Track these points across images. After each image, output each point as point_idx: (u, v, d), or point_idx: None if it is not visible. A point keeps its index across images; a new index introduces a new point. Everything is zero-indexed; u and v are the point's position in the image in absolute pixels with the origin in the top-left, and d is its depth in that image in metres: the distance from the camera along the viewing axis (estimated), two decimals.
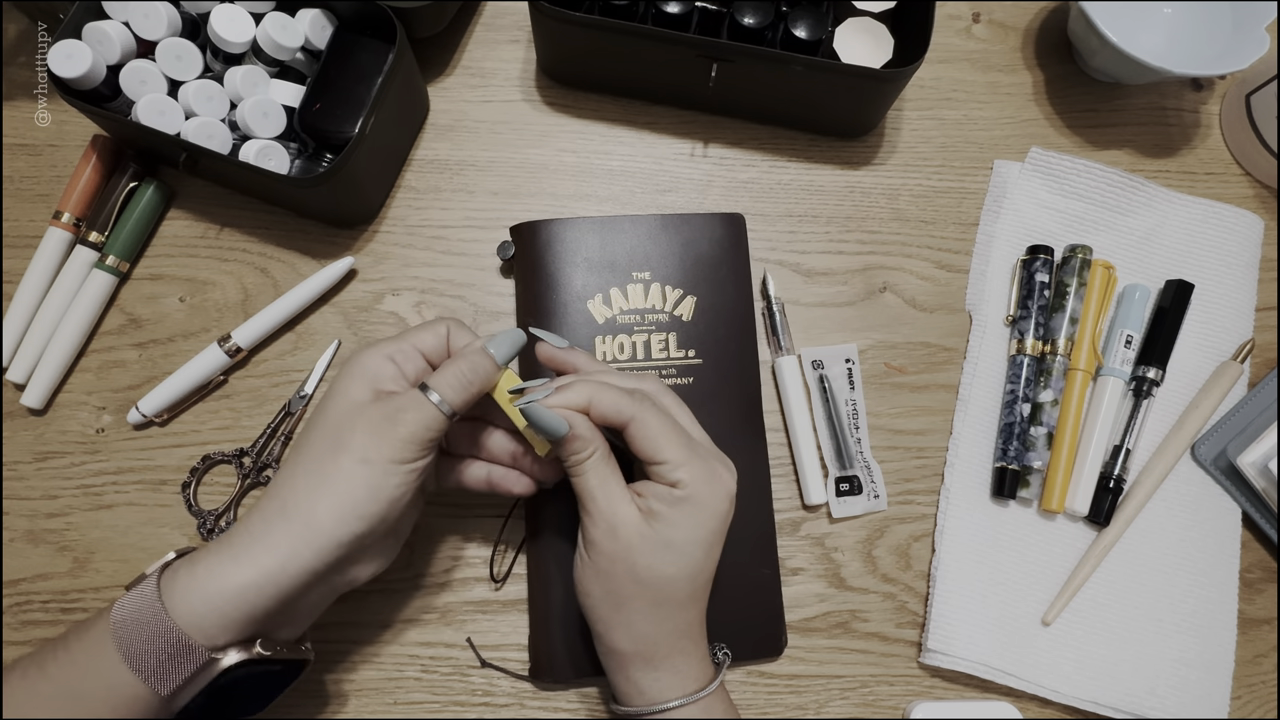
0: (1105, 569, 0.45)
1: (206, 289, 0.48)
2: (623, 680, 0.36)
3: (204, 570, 0.31)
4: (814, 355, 0.47)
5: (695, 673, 0.36)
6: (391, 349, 0.35)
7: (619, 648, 0.35)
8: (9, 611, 0.43)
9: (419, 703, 0.42)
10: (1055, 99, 0.55)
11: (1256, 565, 0.47)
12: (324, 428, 0.33)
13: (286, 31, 0.45)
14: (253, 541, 0.32)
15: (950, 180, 0.52)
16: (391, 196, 0.50)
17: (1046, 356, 0.47)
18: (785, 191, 0.51)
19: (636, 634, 0.35)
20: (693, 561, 0.34)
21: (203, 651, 0.31)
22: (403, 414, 0.33)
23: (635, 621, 0.35)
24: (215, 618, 0.31)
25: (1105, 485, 0.46)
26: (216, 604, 0.31)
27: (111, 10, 0.45)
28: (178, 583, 0.31)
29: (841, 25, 0.49)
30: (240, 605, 0.31)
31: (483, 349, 0.35)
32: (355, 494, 0.32)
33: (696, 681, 0.35)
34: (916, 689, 0.44)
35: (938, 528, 0.46)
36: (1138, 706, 0.43)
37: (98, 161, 0.47)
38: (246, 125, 0.44)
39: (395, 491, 0.33)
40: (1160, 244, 0.51)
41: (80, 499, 0.44)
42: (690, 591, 0.35)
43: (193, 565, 0.32)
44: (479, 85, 0.53)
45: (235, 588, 0.31)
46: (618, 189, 0.51)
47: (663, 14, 0.47)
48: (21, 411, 0.45)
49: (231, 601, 0.31)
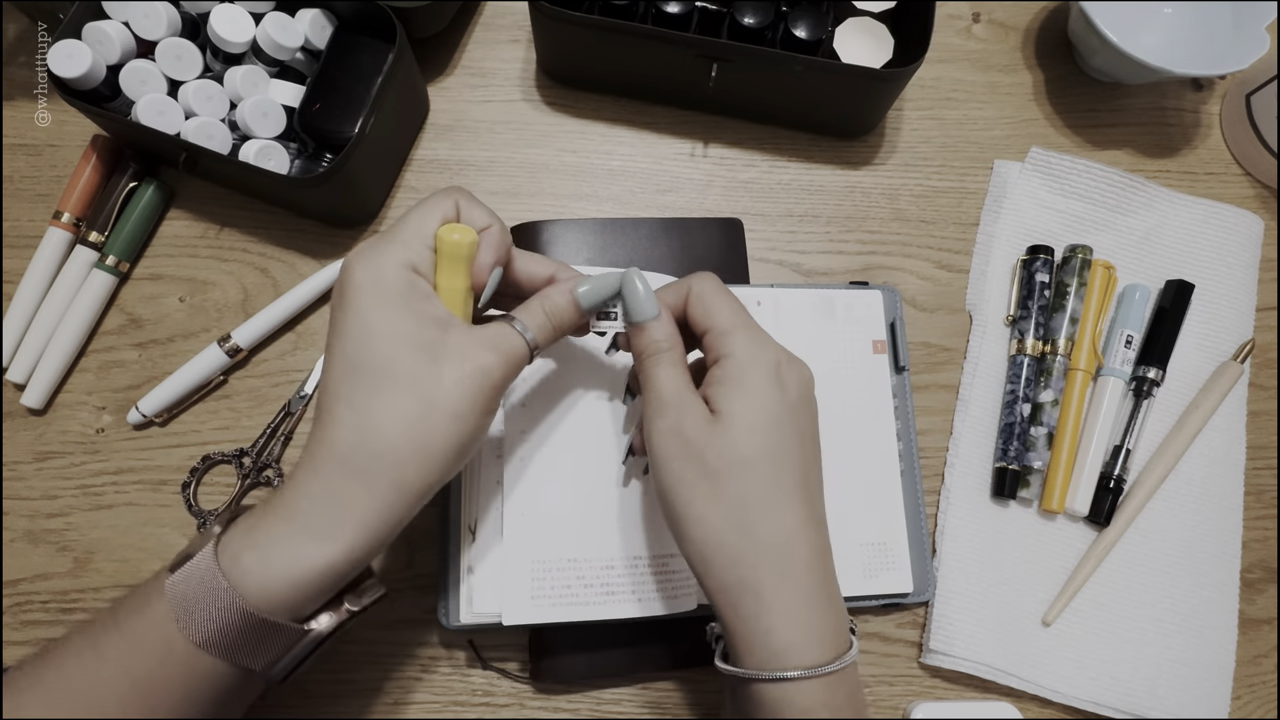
0: (1105, 569, 0.45)
1: (206, 289, 0.48)
2: (733, 631, 0.31)
3: (278, 553, 0.28)
4: None
5: (818, 633, 0.30)
6: (407, 254, 0.30)
7: (716, 580, 0.31)
8: (9, 611, 0.43)
9: (419, 703, 0.42)
10: (1055, 99, 0.55)
11: (1257, 565, 0.47)
12: (381, 371, 0.29)
13: (286, 31, 0.45)
14: (331, 514, 0.28)
15: (950, 180, 0.52)
16: (391, 196, 0.50)
17: (1047, 356, 0.47)
18: (785, 191, 0.51)
19: (726, 550, 0.30)
20: (758, 441, 0.31)
21: (295, 629, 0.29)
22: (493, 359, 0.30)
23: (720, 530, 0.30)
24: (302, 598, 0.29)
25: (1105, 485, 0.46)
26: (302, 586, 0.28)
27: (111, 10, 0.45)
28: (245, 564, 0.28)
29: (841, 25, 0.49)
30: (329, 581, 0.29)
31: (571, 295, 0.33)
32: (448, 453, 0.29)
33: (820, 646, 0.30)
34: (916, 689, 0.44)
35: (938, 528, 0.46)
36: (1138, 706, 0.43)
37: (98, 161, 0.47)
38: (246, 125, 0.44)
39: (482, 436, 0.31)
40: (1160, 244, 0.51)
41: (80, 499, 0.44)
42: (770, 482, 0.31)
43: (260, 547, 0.28)
44: (479, 85, 0.53)
45: (322, 567, 0.28)
46: (618, 189, 0.51)
47: (663, 14, 0.47)
48: (21, 411, 0.45)
49: (319, 582, 0.28)
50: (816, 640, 0.30)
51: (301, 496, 0.29)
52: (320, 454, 0.29)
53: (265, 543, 0.29)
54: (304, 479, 0.29)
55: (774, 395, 0.32)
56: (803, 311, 0.45)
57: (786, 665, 0.30)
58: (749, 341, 0.33)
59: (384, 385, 0.29)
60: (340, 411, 0.29)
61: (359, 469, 0.29)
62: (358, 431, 0.29)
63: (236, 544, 0.29)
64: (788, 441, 0.32)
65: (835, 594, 0.32)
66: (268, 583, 0.28)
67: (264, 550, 0.28)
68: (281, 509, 0.29)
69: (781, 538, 0.31)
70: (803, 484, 0.32)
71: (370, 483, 0.28)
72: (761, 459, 0.31)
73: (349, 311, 0.29)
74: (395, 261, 0.30)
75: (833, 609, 0.31)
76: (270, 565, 0.28)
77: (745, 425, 0.31)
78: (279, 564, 0.28)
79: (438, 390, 0.29)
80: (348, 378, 0.29)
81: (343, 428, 0.29)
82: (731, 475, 0.31)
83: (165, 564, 0.30)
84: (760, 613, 0.30)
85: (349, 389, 0.29)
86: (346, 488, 0.29)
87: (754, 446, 0.31)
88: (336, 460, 0.29)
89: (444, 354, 0.29)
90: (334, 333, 0.30)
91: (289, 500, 0.29)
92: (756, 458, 0.31)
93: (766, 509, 0.31)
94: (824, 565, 0.32)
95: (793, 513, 0.31)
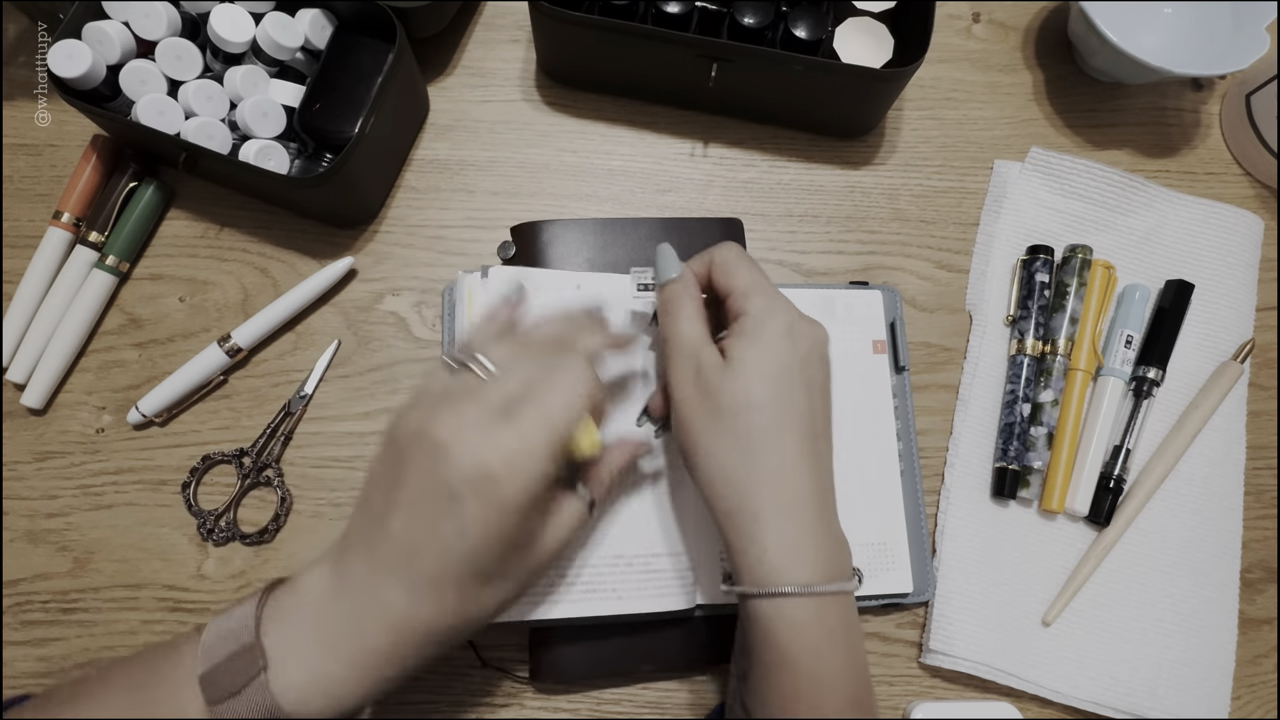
0: (1105, 569, 0.45)
1: (206, 289, 0.48)
2: (734, 551, 0.33)
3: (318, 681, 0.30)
4: None
5: (810, 556, 0.32)
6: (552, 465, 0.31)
7: (722, 505, 0.33)
8: (9, 611, 0.43)
9: (419, 703, 0.42)
10: (1055, 99, 0.55)
11: (1257, 565, 0.47)
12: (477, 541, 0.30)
13: (286, 31, 0.45)
14: (364, 646, 0.30)
15: (950, 180, 0.52)
16: (391, 196, 0.50)
17: (1046, 356, 0.47)
18: (785, 191, 0.51)
19: (730, 477, 0.33)
20: (766, 388, 0.33)
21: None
22: (558, 537, 0.34)
23: (726, 461, 0.33)
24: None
25: (1105, 485, 0.46)
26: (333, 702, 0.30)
27: (111, 10, 0.45)
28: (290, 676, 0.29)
29: (841, 25, 0.49)
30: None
31: (634, 456, 0.38)
32: (500, 608, 0.32)
33: (812, 568, 0.32)
34: (916, 689, 0.44)
35: (938, 528, 0.46)
36: (1138, 706, 0.43)
37: (98, 161, 0.47)
38: (246, 125, 0.44)
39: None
40: (1160, 244, 0.51)
41: (80, 499, 0.44)
42: (774, 422, 0.33)
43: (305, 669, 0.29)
44: (479, 85, 0.53)
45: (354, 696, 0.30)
46: (618, 189, 0.51)
47: (663, 14, 0.47)
48: (21, 411, 0.45)
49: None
50: (810, 564, 0.32)
51: (350, 601, 0.31)
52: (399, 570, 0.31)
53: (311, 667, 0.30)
54: (352, 583, 0.31)
55: (784, 347, 0.34)
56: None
57: (779, 582, 0.32)
58: (765, 300, 0.35)
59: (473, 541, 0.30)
60: (418, 531, 0.30)
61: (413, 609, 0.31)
62: (433, 577, 0.30)
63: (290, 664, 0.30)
64: (794, 389, 0.34)
65: (835, 531, 0.34)
66: (309, 702, 0.29)
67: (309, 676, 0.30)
68: (335, 615, 0.31)
69: (781, 469, 0.33)
70: (807, 427, 0.34)
71: (412, 628, 0.31)
72: (768, 402, 0.33)
73: (489, 513, 0.30)
74: (544, 475, 0.30)
75: (830, 541, 0.34)
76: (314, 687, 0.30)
77: (755, 371, 0.34)
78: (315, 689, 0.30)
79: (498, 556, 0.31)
80: (446, 519, 0.30)
81: (420, 555, 0.30)
82: (739, 414, 0.33)
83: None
84: (757, 533, 0.33)
85: (441, 533, 0.30)
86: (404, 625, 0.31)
87: (762, 391, 0.33)
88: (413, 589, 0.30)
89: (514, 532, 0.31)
90: (462, 515, 0.30)
91: (344, 604, 0.31)
92: (763, 400, 0.33)
93: (769, 444, 0.33)
94: (822, 501, 0.34)
95: (793, 449, 0.33)
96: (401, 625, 0.30)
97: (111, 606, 0.43)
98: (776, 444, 0.33)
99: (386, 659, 0.30)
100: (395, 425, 0.32)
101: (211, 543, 0.44)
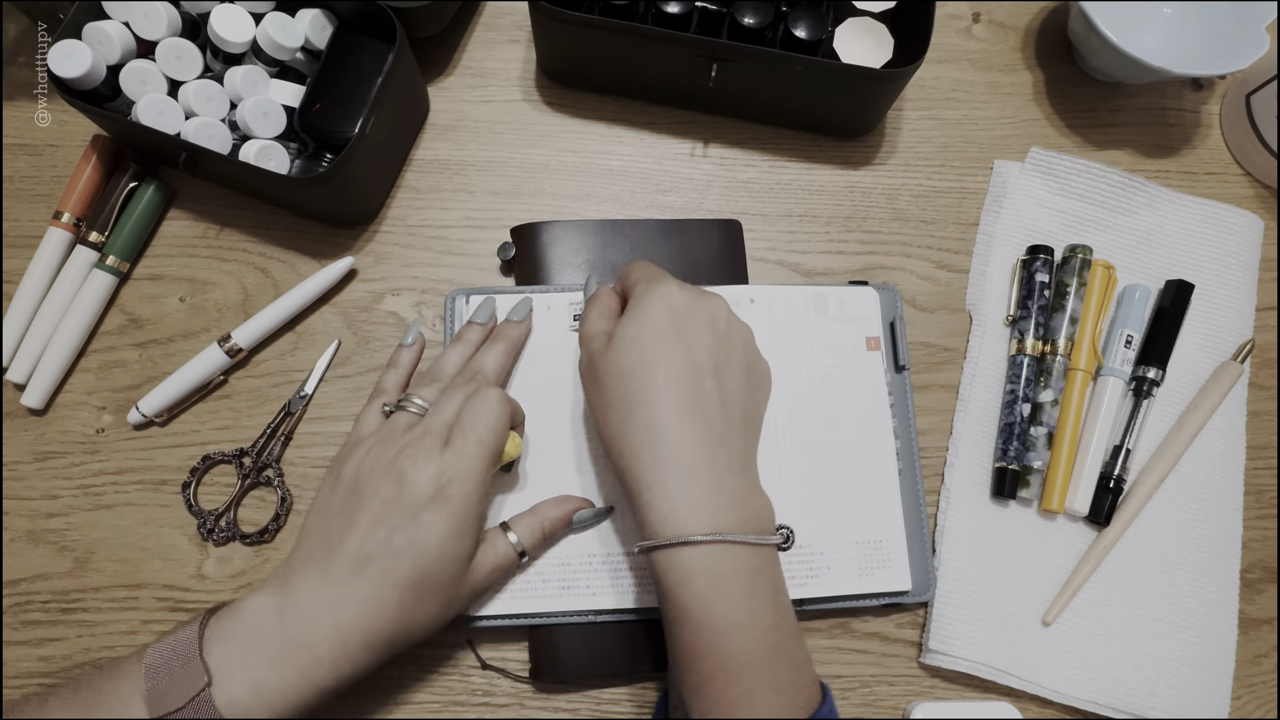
0: (1105, 569, 0.45)
1: (206, 289, 0.48)
2: (633, 511, 0.35)
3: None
4: None
5: (694, 508, 0.33)
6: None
7: (616, 469, 0.36)
8: (9, 611, 0.43)
9: (419, 703, 0.42)
10: (1055, 99, 0.55)
11: (1256, 565, 0.47)
12: (417, 574, 0.34)
13: (286, 31, 0.45)
14: (306, 661, 0.33)
15: (950, 180, 0.52)
16: (391, 196, 0.50)
17: (1046, 356, 0.47)
18: (785, 191, 0.51)
19: (615, 443, 0.35)
20: (635, 353, 0.35)
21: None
22: (484, 569, 0.38)
23: (612, 429, 0.36)
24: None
25: (1105, 485, 0.46)
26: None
27: (111, 10, 0.45)
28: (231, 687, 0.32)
29: (841, 25, 0.49)
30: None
31: (567, 516, 0.41)
32: (425, 629, 0.36)
33: (696, 519, 0.33)
34: (916, 689, 0.44)
35: (938, 528, 0.46)
36: (1138, 706, 0.43)
37: (98, 161, 0.47)
38: (246, 125, 0.44)
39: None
40: (1160, 244, 0.51)
41: (80, 499, 0.44)
42: (645, 382, 0.35)
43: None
44: (479, 85, 0.53)
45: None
46: (618, 189, 0.51)
47: (663, 14, 0.47)
48: (21, 411, 0.45)
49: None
50: (693, 515, 0.33)
51: (288, 631, 0.34)
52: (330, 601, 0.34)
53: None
54: (298, 608, 0.34)
55: (658, 317, 0.36)
56: (796, 309, 0.45)
57: (665, 534, 0.33)
58: (646, 284, 0.38)
59: (406, 572, 0.34)
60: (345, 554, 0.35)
61: (343, 629, 0.34)
62: (360, 599, 0.34)
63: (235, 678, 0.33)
64: (666, 351, 0.35)
65: (731, 483, 0.34)
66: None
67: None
68: (267, 633, 0.34)
69: (653, 424, 0.34)
70: (682, 384, 0.35)
71: (344, 640, 0.34)
72: (637, 365, 0.35)
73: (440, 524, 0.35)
74: (482, 484, 0.37)
75: (722, 493, 0.34)
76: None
77: (627, 340, 0.36)
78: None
79: (437, 589, 0.35)
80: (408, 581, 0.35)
81: (354, 585, 0.34)
82: (615, 383, 0.36)
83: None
84: (641, 489, 0.34)
85: (374, 555, 0.34)
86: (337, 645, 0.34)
87: (630, 356, 0.35)
88: (338, 620, 0.34)
89: (459, 570, 0.36)
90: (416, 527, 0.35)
91: (279, 626, 0.34)
92: (633, 365, 0.35)
93: (641, 402, 0.35)
94: (709, 454, 0.34)
95: (666, 405, 0.34)
96: (346, 633, 0.33)
97: (112, 606, 0.43)
98: (648, 401, 0.34)
99: (327, 669, 0.33)
100: (344, 465, 0.37)
101: (212, 543, 0.44)
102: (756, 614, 0.32)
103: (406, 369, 0.43)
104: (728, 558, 0.32)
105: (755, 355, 0.39)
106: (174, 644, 0.33)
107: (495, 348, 0.42)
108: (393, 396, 0.41)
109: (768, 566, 0.34)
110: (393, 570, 0.34)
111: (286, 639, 0.33)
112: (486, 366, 0.41)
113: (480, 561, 0.37)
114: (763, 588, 0.33)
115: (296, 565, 0.35)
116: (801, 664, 0.33)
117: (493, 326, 0.44)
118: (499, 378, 0.42)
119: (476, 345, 0.43)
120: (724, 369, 0.36)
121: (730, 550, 0.32)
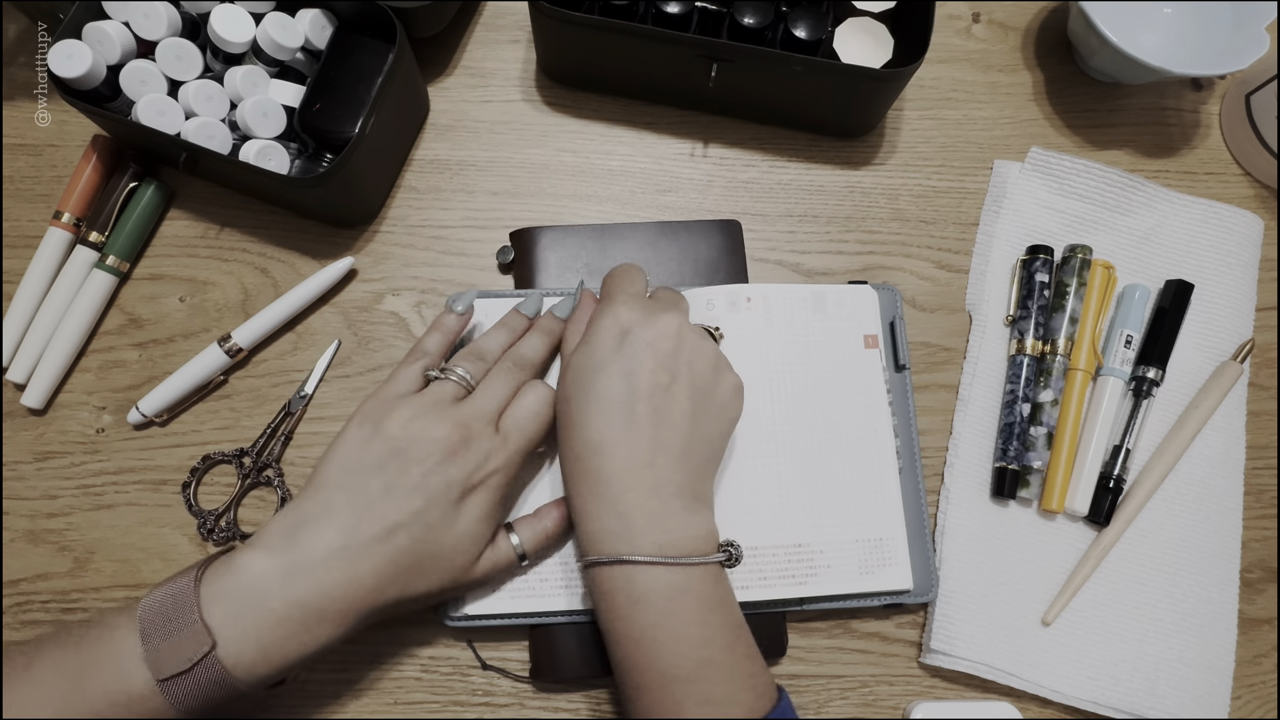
0: (1105, 569, 0.45)
1: (206, 289, 0.48)
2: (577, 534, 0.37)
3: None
4: None
5: (613, 530, 0.35)
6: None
7: (566, 494, 0.38)
8: (9, 611, 0.43)
9: (419, 703, 0.42)
10: (1055, 99, 0.55)
11: (1256, 565, 0.47)
12: (426, 555, 0.35)
13: (286, 31, 0.45)
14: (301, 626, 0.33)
15: (950, 180, 0.52)
16: (391, 196, 0.50)
17: (1046, 356, 0.47)
18: (785, 191, 0.51)
19: (562, 466, 0.38)
20: (574, 380, 0.37)
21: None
22: (485, 564, 0.38)
23: (561, 456, 0.38)
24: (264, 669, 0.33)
25: (1105, 485, 0.46)
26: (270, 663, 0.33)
27: (111, 10, 0.45)
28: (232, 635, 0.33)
29: (841, 25, 0.49)
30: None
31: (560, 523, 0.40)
32: (417, 604, 0.37)
33: (616, 541, 0.34)
34: (916, 689, 0.44)
35: (938, 528, 0.46)
36: (1138, 706, 0.43)
37: (98, 161, 0.47)
38: (246, 125, 0.44)
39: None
40: (1160, 244, 0.51)
41: (80, 499, 0.44)
42: (581, 408, 0.36)
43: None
44: (479, 85, 0.53)
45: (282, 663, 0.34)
46: (618, 189, 0.51)
47: (663, 14, 0.47)
48: (21, 411, 0.45)
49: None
50: (611, 537, 0.35)
51: (288, 601, 0.34)
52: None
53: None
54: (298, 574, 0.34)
55: (603, 339, 0.37)
56: (793, 307, 0.45)
57: (589, 553, 0.35)
58: (603, 303, 0.39)
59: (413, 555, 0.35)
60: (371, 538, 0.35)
61: (345, 605, 0.35)
62: (369, 572, 0.35)
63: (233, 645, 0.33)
64: (605, 377, 0.36)
65: (652, 506, 0.35)
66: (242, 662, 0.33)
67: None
68: (270, 605, 0.34)
69: (582, 450, 0.36)
70: (615, 410, 0.36)
71: (335, 619, 0.34)
72: (575, 393, 0.37)
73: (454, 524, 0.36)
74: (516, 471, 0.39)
75: (642, 515, 0.35)
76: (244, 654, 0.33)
77: (573, 368, 0.38)
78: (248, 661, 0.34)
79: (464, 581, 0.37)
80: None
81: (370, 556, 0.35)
82: (561, 408, 0.38)
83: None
84: (575, 511, 0.37)
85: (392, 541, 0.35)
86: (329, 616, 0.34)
87: (572, 384, 0.37)
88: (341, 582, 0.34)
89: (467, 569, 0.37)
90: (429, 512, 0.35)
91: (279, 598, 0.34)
92: (574, 391, 0.37)
93: (575, 429, 0.36)
94: (632, 478, 0.35)
95: (594, 431, 0.36)
96: (356, 594, 0.34)
97: (112, 606, 0.43)
98: (580, 428, 0.36)
99: (333, 627, 0.34)
100: (386, 421, 0.36)
101: (212, 543, 0.44)
102: (681, 631, 0.33)
103: (450, 335, 0.41)
104: (643, 577, 0.34)
105: (710, 371, 0.38)
106: (167, 604, 0.32)
107: (539, 339, 0.41)
108: (435, 361, 0.40)
109: (696, 585, 0.34)
110: (419, 542, 0.35)
111: (293, 600, 0.33)
112: (534, 355, 0.41)
113: (488, 557, 0.38)
114: (686, 606, 0.34)
115: (311, 515, 0.35)
116: (739, 678, 0.34)
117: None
118: (543, 369, 0.42)
119: (518, 334, 0.42)
120: (663, 392, 0.36)
121: (645, 570, 0.34)
